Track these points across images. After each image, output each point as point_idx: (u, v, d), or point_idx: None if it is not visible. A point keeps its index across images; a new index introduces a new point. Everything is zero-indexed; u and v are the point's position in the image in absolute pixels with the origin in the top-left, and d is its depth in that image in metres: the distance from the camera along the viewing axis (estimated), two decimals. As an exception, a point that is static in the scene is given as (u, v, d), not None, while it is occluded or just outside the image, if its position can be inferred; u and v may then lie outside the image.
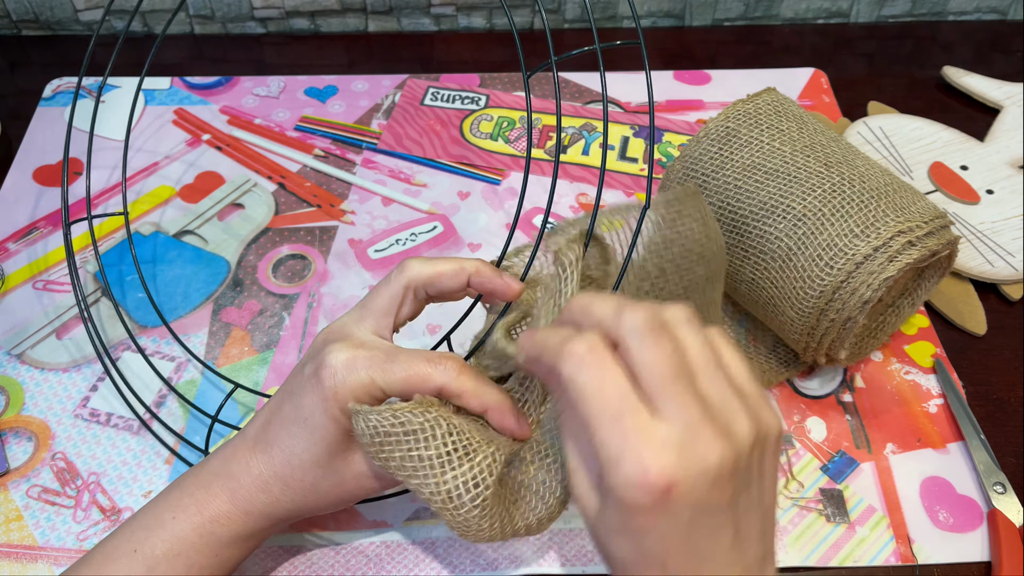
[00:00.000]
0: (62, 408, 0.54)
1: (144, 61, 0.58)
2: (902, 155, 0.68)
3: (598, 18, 0.81)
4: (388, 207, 0.66)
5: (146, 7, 0.78)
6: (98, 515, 0.50)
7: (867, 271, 0.47)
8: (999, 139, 0.69)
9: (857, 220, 0.48)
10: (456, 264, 0.43)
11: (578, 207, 0.65)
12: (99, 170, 0.68)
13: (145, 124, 0.71)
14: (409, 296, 0.43)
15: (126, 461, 0.52)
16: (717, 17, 0.82)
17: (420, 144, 0.70)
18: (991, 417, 0.55)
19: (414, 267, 0.42)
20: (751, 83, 0.74)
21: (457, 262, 0.43)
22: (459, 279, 0.42)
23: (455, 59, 0.79)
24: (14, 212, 0.65)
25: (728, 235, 0.52)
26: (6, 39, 0.80)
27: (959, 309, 0.60)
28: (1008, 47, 0.80)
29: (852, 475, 0.52)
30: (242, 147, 0.70)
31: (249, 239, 0.63)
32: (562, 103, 0.73)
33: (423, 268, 0.42)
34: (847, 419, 0.54)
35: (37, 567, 0.48)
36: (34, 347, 0.57)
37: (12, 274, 0.61)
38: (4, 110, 0.73)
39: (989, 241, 0.62)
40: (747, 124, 0.53)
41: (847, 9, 0.82)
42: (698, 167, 0.53)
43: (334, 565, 0.48)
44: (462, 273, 0.42)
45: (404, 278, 0.42)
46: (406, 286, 0.42)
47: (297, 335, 0.58)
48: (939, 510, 0.50)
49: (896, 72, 0.78)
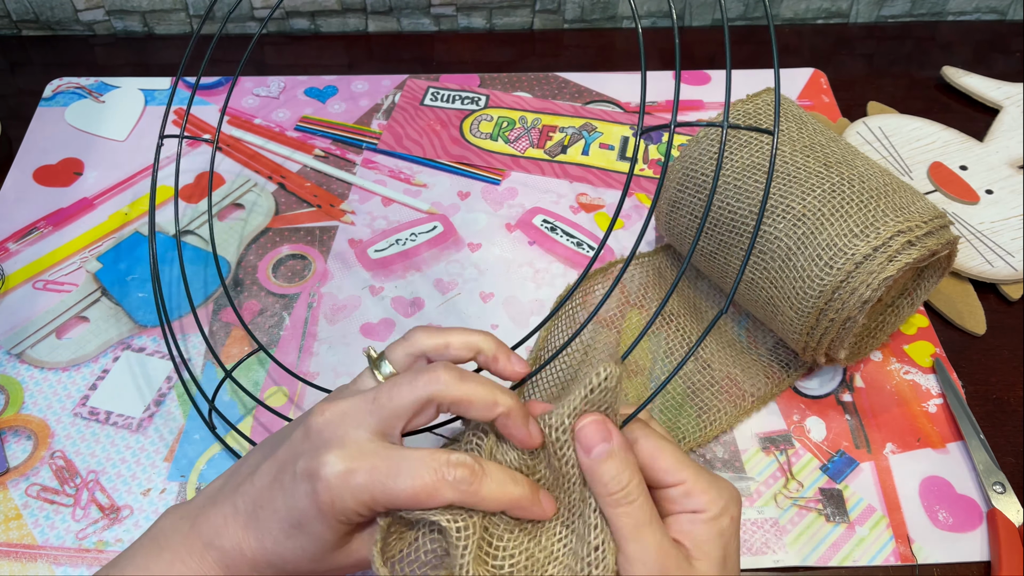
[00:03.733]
0: (61, 407, 0.54)
1: (145, 61, 0.58)
2: (901, 155, 0.68)
3: (598, 18, 0.81)
4: (388, 207, 0.66)
5: (146, 7, 0.78)
6: (97, 513, 0.50)
7: (867, 271, 0.47)
8: (998, 139, 0.69)
9: (857, 220, 0.48)
10: (490, 396, 0.37)
11: (578, 207, 0.65)
12: (99, 170, 0.68)
13: (145, 124, 0.71)
14: (430, 410, 0.38)
15: (125, 459, 0.52)
16: (717, 17, 0.82)
17: (420, 144, 0.70)
18: (991, 417, 0.55)
19: (446, 383, 0.37)
20: (751, 83, 0.74)
21: (491, 393, 0.38)
22: (488, 413, 0.38)
23: (455, 59, 0.79)
24: (14, 212, 0.65)
25: (728, 235, 0.52)
26: (6, 39, 0.80)
27: (959, 309, 0.60)
28: (1008, 47, 0.80)
29: (852, 475, 0.52)
30: (242, 147, 0.70)
31: (249, 239, 0.63)
32: (562, 103, 0.73)
33: (454, 389, 0.37)
34: (847, 419, 0.54)
35: (36, 566, 0.48)
36: (34, 347, 0.57)
37: (12, 274, 0.61)
38: (4, 110, 0.73)
39: (989, 241, 0.62)
40: (746, 124, 0.53)
41: (846, 9, 0.82)
42: (697, 167, 0.53)
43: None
44: (494, 408, 0.38)
45: (432, 391, 0.37)
46: (428, 400, 0.37)
47: (297, 335, 0.58)
48: (939, 510, 0.50)
49: (895, 72, 0.78)
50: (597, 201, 0.66)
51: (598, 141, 0.70)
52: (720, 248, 0.52)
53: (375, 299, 0.60)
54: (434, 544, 0.37)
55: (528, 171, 0.68)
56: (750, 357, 0.56)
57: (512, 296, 0.60)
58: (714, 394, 0.54)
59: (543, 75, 0.76)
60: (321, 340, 0.57)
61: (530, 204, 0.66)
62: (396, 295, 0.60)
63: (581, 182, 0.67)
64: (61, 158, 0.69)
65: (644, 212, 0.65)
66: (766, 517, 0.50)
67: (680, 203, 0.54)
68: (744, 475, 0.51)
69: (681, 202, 0.54)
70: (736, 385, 0.54)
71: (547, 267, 0.62)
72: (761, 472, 0.52)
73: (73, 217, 0.64)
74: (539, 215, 0.65)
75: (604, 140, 0.70)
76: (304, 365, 0.56)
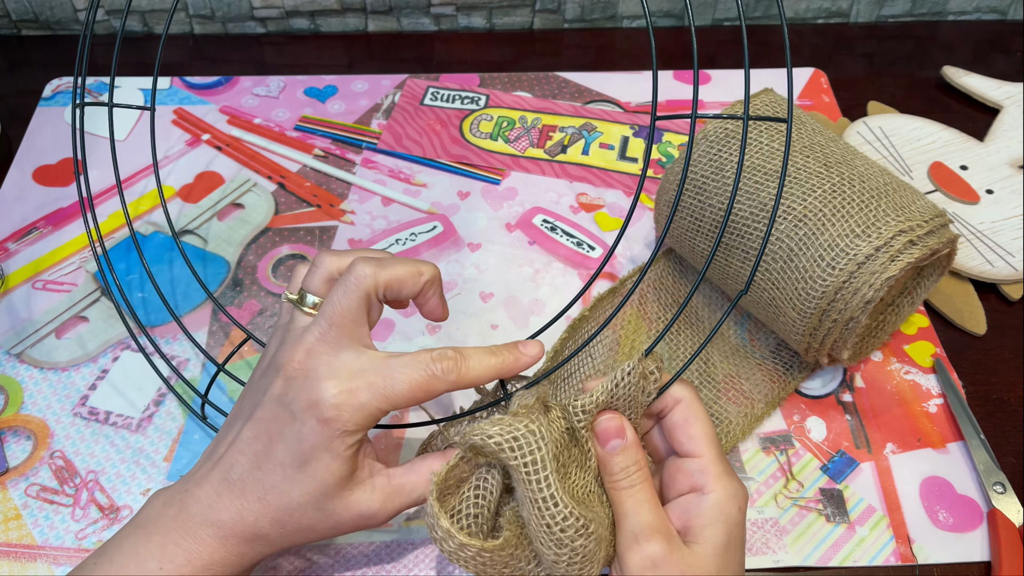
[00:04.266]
0: (61, 407, 0.54)
1: (145, 61, 0.58)
2: (902, 155, 0.68)
3: (598, 18, 0.81)
4: (388, 207, 0.65)
5: (146, 7, 0.78)
6: (96, 513, 0.49)
7: (869, 271, 0.47)
8: (999, 139, 0.69)
9: (858, 220, 0.48)
10: (413, 267, 0.42)
11: (578, 207, 0.65)
12: (99, 170, 0.68)
13: (145, 124, 0.71)
14: (374, 303, 0.41)
15: (125, 459, 0.52)
16: (717, 17, 0.82)
17: (420, 144, 0.70)
18: (991, 417, 0.55)
19: (372, 273, 0.40)
20: (752, 83, 0.74)
21: (412, 264, 0.42)
22: (417, 283, 0.42)
23: (455, 59, 0.79)
24: (14, 212, 0.65)
25: (729, 236, 0.51)
26: (6, 39, 0.80)
27: (959, 309, 0.59)
28: (1008, 47, 0.80)
29: (852, 475, 0.52)
30: (242, 147, 0.70)
31: (249, 239, 0.63)
32: (562, 103, 0.73)
33: (381, 274, 0.40)
34: (847, 419, 0.54)
35: (36, 566, 0.47)
36: (33, 346, 0.57)
37: (12, 274, 0.61)
38: (4, 110, 0.73)
39: (989, 241, 0.62)
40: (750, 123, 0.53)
41: (847, 9, 0.82)
42: (697, 169, 0.53)
43: (334, 565, 0.48)
44: (419, 277, 0.42)
45: (365, 285, 0.40)
46: (369, 292, 0.40)
47: (297, 335, 0.58)
48: (939, 510, 0.50)
49: (896, 72, 0.78)
50: (597, 201, 0.66)
51: (598, 141, 0.70)
52: (721, 250, 0.52)
53: (375, 299, 0.60)
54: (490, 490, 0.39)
55: (528, 171, 0.68)
56: (753, 361, 0.56)
57: (512, 296, 0.60)
58: (723, 406, 0.54)
59: (543, 75, 0.76)
60: (321, 340, 0.57)
61: (530, 204, 0.66)
62: (396, 295, 0.60)
63: (581, 182, 0.67)
64: (61, 158, 0.69)
65: (644, 210, 0.65)
66: (766, 517, 0.50)
67: (680, 205, 0.54)
68: (744, 475, 0.51)
69: (680, 204, 0.54)
70: (743, 394, 0.54)
71: (547, 267, 0.62)
72: (761, 472, 0.52)
73: (73, 217, 0.64)
74: (539, 215, 0.65)
75: (604, 140, 0.70)
76: (304, 365, 0.56)
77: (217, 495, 0.39)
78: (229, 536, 0.39)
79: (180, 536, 0.39)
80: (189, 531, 0.39)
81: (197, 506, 0.39)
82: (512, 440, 0.37)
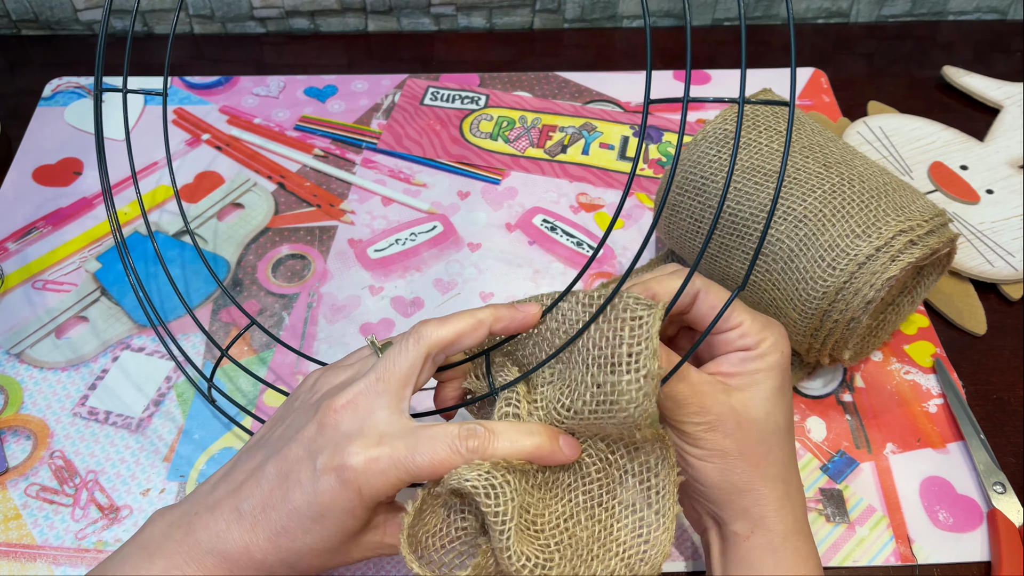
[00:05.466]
0: (60, 407, 0.54)
1: (145, 61, 0.58)
2: (902, 155, 0.68)
3: (598, 17, 0.81)
4: (388, 207, 0.65)
5: (146, 7, 0.78)
6: (96, 513, 0.49)
7: (870, 271, 0.47)
8: (999, 139, 0.69)
9: (858, 220, 0.48)
10: (472, 319, 0.40)
11: (578, 206, 0.65)
12: (97, 169, 0.67)
13: (145, 124, 0.71)
14: (428, 364, 0.40)
15: (124, 459, 0.52)
16: (717, 17, 0.82)
17: (420, 144, 0.70)
18: (991, 417, 0.55)
19: (432, 333, 0.40)
20: (751, 83, 0.74)
21: (472, 316, 0.40)
22: (479, 334, 0.40)
23: (455, 59, 0.79)
24: (14, 212, 0.65)
25: (728, 237, 0.51)
26: (6, 39, 0.80)
27: (959, 309, 0.59)
28: (1008, 47, 0.80)
29: (852, 475, 0.52)
30: (242, 147, 0.70)
31: (249, 239, 0.63)
32: (562, 103, 0.73)
33: (442, 332, 0.40)
34: (847, 419, 0.54)
35: (36, 566, 0.47)
36: (33, 346, 0.57)
37: (11, 274, 0.61)
38: (4, 110, 0.73)
39: (989, 241, 0.62)
40: (745, 126, 0.53)
41: (847, 9, 0.82)
42: (697, 170, 0.53)
43: (333, 565, 0.48)
44: (481, 327, 0.40)
45: (423, 347, 0.39)
46: (426, 355, 0.39)
47: (297, 335, 0.58)
48: (939, 510, 0.50)
49: (896, 72, 0.78)
50: (597, 201, 0.66)
51: (598, 141, 0.70)
52: (721, 251, 0.52)
53: (375, 299, 0.60)
54: (464, 523, 0.39)
55: (528, 171, 0.68)
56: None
57: (512, 296, 0.60)
58: None
59: (543, 75, 0.76)
60: (321, 340, 0.57)
61: (530, 204, 0.66)
62: (396, 295, 0.60)
63: (581, 182, 0.67)
64: (60, 158, 0.68)
65: (644, 211, 0.65)
66: (766, 517, 0.50)
67: (679, 206, 0.54)
68: (744, 475, 0.51)
69: (680, 205, 0.54)
70: None
71: (547, 267, 0.62)
72: (761, 472, 0.52)
73: (72, 217, 0.64)
74: (539, 215, 0.65)
75: (604, 140, 0.70)
76: (303, 365, 0.56)
77: (227, 525, 0.38)
78: (234, 568, 0.38)
79: (184, 562, 0.38)
80: (194, 558, 0.38)
81: (205, 533, 0.38)
82: (490, 488, 0.37)
